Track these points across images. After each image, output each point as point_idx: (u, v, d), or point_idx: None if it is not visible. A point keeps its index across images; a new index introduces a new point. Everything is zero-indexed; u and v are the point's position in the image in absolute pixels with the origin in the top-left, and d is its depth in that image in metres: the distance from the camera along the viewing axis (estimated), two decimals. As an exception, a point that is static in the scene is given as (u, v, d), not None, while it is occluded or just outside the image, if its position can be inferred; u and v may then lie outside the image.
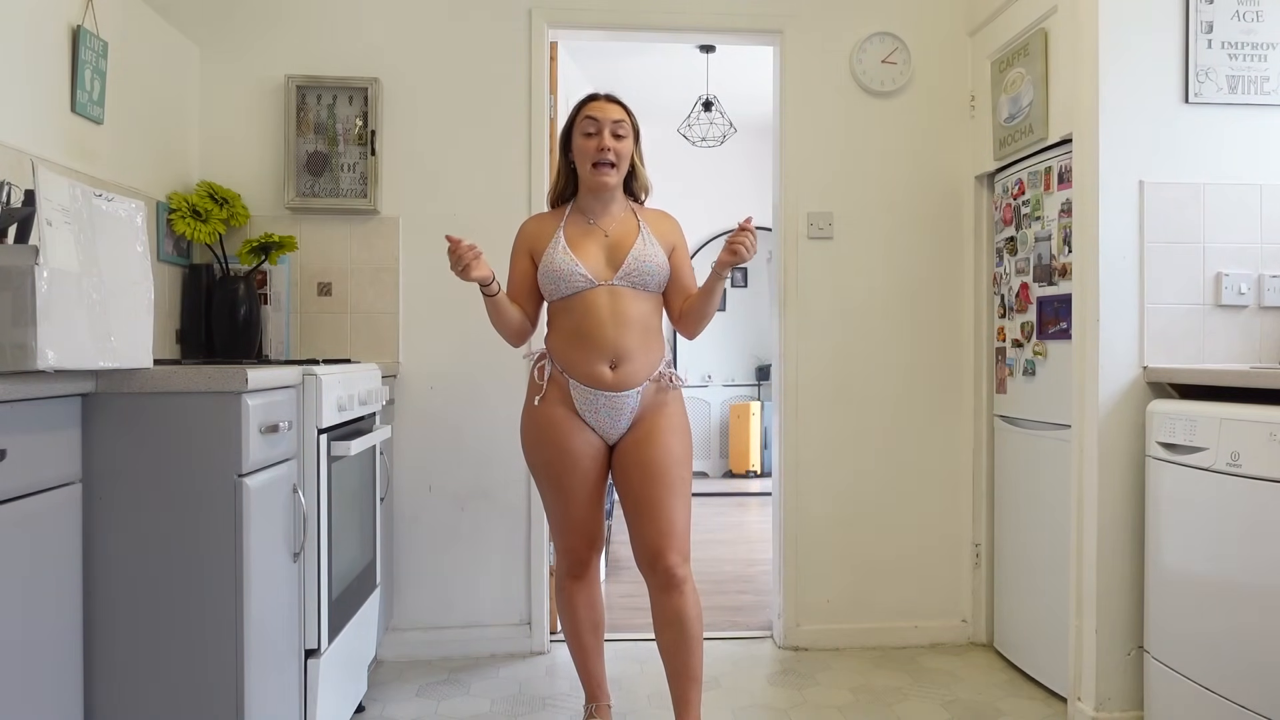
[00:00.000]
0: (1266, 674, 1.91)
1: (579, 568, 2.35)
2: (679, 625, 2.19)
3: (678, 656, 2.21)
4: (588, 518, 2.30)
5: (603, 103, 2.23)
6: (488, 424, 3.10)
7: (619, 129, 2.21)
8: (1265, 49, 2.44)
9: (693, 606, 2.20)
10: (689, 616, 2.19)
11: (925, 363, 3.23)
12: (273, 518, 1.79)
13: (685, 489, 2.24)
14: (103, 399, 1.59)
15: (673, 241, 2.32)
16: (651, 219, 2.31)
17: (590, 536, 2.33)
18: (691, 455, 2.30)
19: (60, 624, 1.51)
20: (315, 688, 2.01)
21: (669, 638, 2.21)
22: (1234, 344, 2.43)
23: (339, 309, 3.08)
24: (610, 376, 2.17)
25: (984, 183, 3.19)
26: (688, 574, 2.21)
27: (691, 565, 2.25)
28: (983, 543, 3.18)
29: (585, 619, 2.38)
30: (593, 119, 2.20)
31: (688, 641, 2.19)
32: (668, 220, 2.35)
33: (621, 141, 2.22)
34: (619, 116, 2.22)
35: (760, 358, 7.48)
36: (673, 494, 2.20)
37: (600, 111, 2.21)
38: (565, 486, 2.26)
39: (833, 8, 3.20)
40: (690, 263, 2.38)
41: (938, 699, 2.71)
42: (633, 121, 2.26)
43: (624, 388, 2.19)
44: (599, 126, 2.20)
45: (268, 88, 3.05)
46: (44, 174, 1.41)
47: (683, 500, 2.22)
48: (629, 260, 2.19)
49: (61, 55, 2.26)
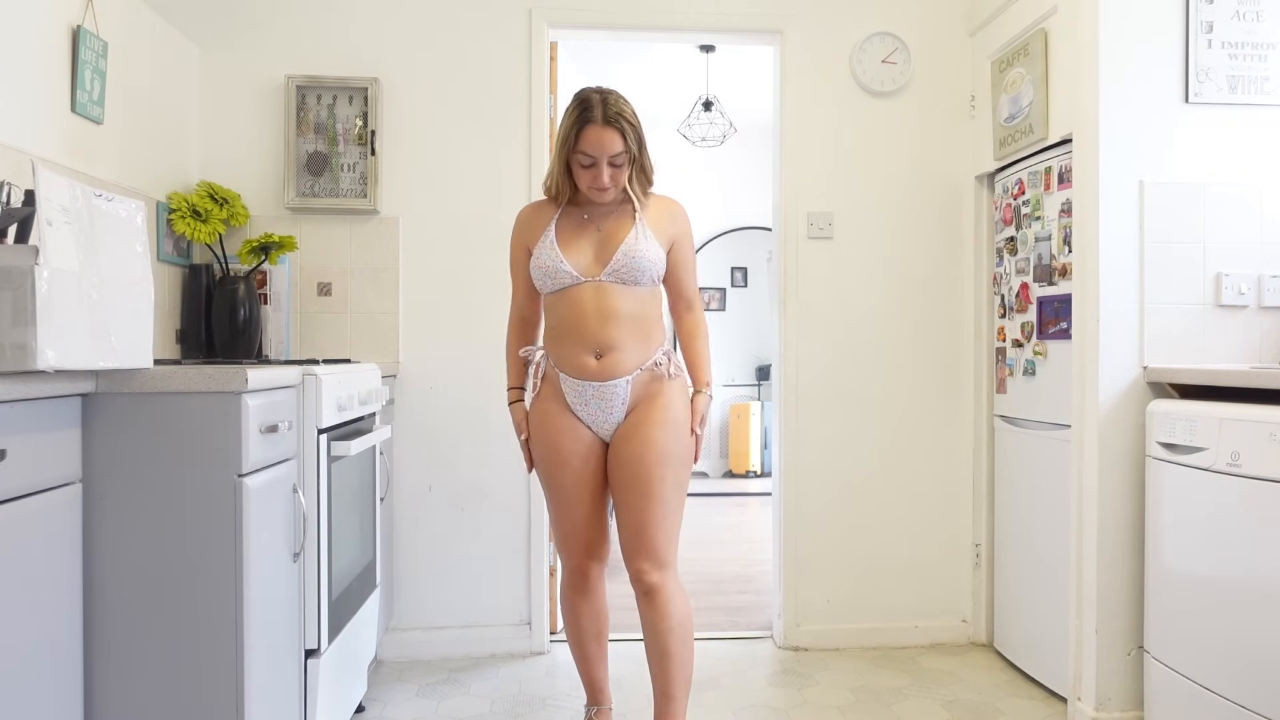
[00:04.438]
0: (1266, 674, 1.91)
1: (579, 578, 2.27)
2: (651, 636, 2.12)
3: (654, 670, 2.13)
4: (584, 525, 2.21)
5: (599, 131, 2.04)
6: (487, 424, 3.10)
7: (616, 160, 2.07)
8: (1265, 49, 2.44)
9: (665, 618, 2.09)
10: (660, 629, 2.10)
11: (925, 363, 3.23)
12: (273, 518, 1.79)
13: (667, 490, 2.11)
14: (103, 399, 1.59)
15: (673, 234, 2.20)
16: (652, 211, 2.18)
17: (588, 545, 2.23)
18: (687, 453, 2.16)
19: (60, 624, 1.51)
20: (315, 688, 2.01)
21: (647, 646, 2.15)
22: (1234, 344, 2.43)
23: (339, 309, 3.08)
24: (594, 366, 2.11)
25: (984, 183, 3.19)
26: (661, 581, 2.10)
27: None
28: (983, 543, 3.18)
29: (589, 629, 2.31)
30: (588, 154, 2.06)
31: (661, 656, 2.11)
32: (670, 210, 2.22)
33: (619, 170, 2.09)
34: (617, 150, 2.06)
35: (760, 358, 7.47)
36: (647, 496, 2.09)
37: (597, 147, 2.05)
38: (557, 485, 2.19)
39: (833, 8, 3.20)
40: (691, 258, 2.27)
41: (938, 699, 2.71)
42: (634, 134, 2.08)
43: (610, 377, 2.11)
44: (595, 161, 2.07)
45: (268, 88, 3.05)
46: (44, 174, 1.41)
47: (659, 502, 2.10)
48: (616, 257, 2.09)
49: (61, 55, 2.26)
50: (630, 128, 2.07)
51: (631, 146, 2.08)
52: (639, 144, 2.12)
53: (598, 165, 2.07)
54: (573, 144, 2.08)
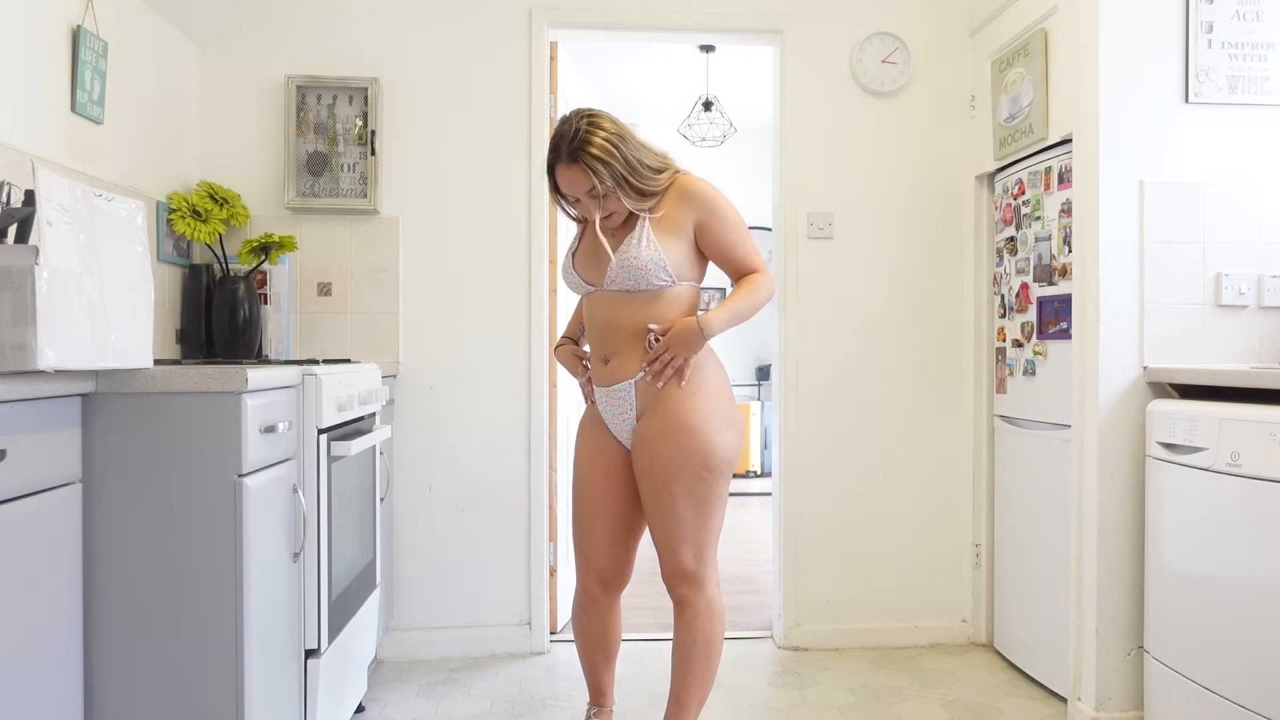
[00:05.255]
0: (1266, 674, 1.91)
1: (587, 601, 2.17)
2: (676, 646, 2.10)
3: (673, 677, 2.11)
4: (598, 548, 2.13)
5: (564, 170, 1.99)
6: (488, 424, 3.11)
7: (593, 193, 1.99)
8: (1265, 49, 2.44)
9: (689, 632, 2.05)
10: (682, 641, 2.07)
11: (925, 362, 3.23)
12: (272, 518, 1.79)
13: (678, 504, 2.01)
14: (103, 399, 1.59)
15: (694, 218, 2.04)
16: (666, 203, 2.05)
17: (600, 572, 2.14)
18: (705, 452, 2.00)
19: (60, 624, 1.51)
20: (315, 688, 2.01)
21: (673, 651, 2.12)
22: (1234, 344, 2.43)
23: (339, 309, 3.08)
24: (603, 370, 2.11)
25: (984, 183, 3.19)
26: (690, 596, 2.05)
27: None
28: (983, 543, 3.18)
29: (596, 646, 2.23)
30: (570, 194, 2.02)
31: (681, 666, 2.08)
32: (683, 195, 2.06)
33: (607, 199, 2.01)
34: (585, 188, 1.99)
35: (760, 358, 7.47)
36: (659, 512, 2.03)
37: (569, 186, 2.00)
38: (576, 501, 2.16)
39: (833, 8, 3.20)
40: (729, 228, 2.07)
41: (938, 699, 2.71)
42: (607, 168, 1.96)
43: (614, 381, 2.08)
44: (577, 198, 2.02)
45: (268, 88, 3.05)
46: (44, 174, 1.41)
47: (671, 517, 2.02)
48: (610, 268, 2.03)
49: (61, 55, 2.26)
50: (599, 162, 1.95)
51: (603, 183, 1.97)
52: (617, 175, 1.98)
53: (582, 200, 2.04)
54: (551, 186, 2.07)
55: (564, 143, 1.98)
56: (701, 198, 2.06)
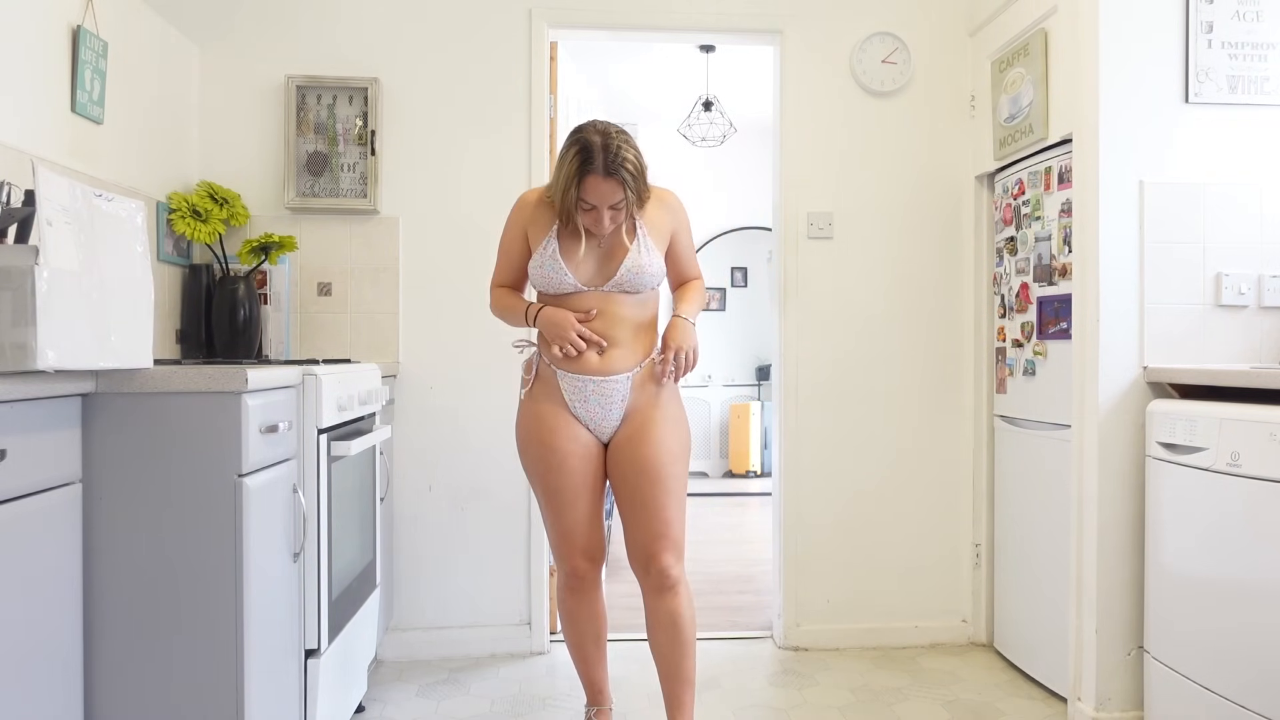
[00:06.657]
0: (1267, 674, 1.91)
1: (575, 581, 2.26)
2: (673, 628, 2.16)
3: (671, 659, 2.18)
4: (582, 528, 2.21)
5: (599, 182, 2.01)
6: (487, 424, 3.10)
7: (617, 205, 2.05)
8: (1265, 49, 2.44)
9: (686, 608, 2.17)
10: (683, 619, 2.16)
11: (925, 362, 3.23)
12: (272, 518, 1.79)
13: (680, 487, 2.17)
14: (103, 399, 1.59)
15: (672, 227, 2.22)
16: (651, 213, 2.17)
17: (586, 549, 2.23)
18: (688, 450, 2.22)
19: (60, 624, 1.51)
20: (315, 688, 2.01)
21: (662, 640, 2.18)
22: (1234, 344, 2.43)
23: (339, 309, 3.08)
24: (596, 361, 2.11)
25: (984, 183, 3.19)
26: (681, 575, 2.18)
27: (690, 565, 2.23)
28: (983, 543, 3.18)
29: (587, 631, 2.32)
30: (588, 201, 2.04)
31: (681, 644, 2.17)
32: (667, 205, 2.21)
33: (619, 211, 2.07)
34: (618, 199, 2.04)
35: (760, 358, 7.48)
36: (667, 494, 2.14)
37: (598, 197, 2.03)
38: (553, 488, 2.18)
39: (833, 8, 3.20)
40: (690, 241, 2.30)
41: (938, 699, 2.71)
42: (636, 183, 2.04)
43: (611, 372, 2.12)
44: (596, 207, 2.05)
45: (268, 88, 3.05)
46: (44, 174, 1.41)
47: (677, 499, 2.16)
48: (621, 272, 2.10)
49: (61, 55, 2.26)
50: (632, 177, 2.03)
51: (631, 195, 2.04)
52: (640, 190, 2.07)
53: (598, 210, 2.06)
54: (575, 193, 2.04)
55: (600, 155, 2.00)
56: (679, 207, 2.26)
